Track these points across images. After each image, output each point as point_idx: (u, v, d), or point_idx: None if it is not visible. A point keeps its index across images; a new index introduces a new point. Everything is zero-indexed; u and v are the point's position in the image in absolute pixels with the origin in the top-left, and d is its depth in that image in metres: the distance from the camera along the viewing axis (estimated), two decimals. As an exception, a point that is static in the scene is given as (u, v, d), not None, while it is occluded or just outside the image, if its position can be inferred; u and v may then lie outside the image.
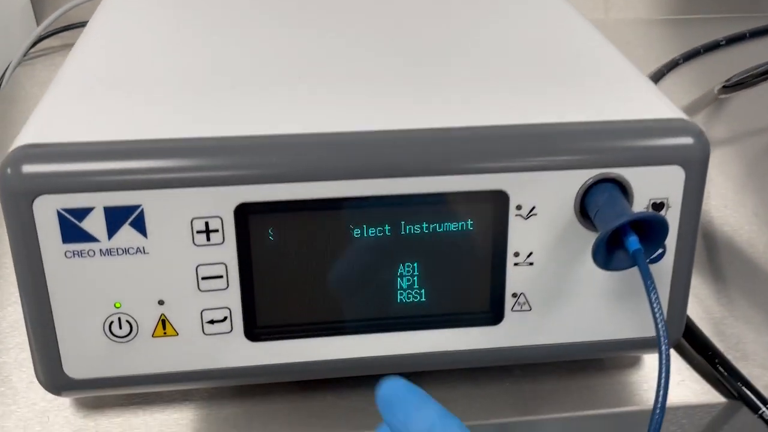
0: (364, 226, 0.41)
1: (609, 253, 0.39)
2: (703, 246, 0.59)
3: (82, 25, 0.62)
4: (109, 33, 0.53)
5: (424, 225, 0.41)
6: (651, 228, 0.38)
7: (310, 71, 0.48)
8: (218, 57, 0.49)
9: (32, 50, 0.88)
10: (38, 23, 0.91)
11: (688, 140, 0.41)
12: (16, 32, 0.92)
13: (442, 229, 0.41)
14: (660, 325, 0.36)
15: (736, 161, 0.70)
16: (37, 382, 0.46)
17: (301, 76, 0.47)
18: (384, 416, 0.33)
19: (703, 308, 0.52)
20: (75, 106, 0.42)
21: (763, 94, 0.79)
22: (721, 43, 0.92)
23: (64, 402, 0.45)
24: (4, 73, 0.85)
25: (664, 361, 0.35)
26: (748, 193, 0.65)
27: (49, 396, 0.46)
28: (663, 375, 0.36)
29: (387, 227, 0.41)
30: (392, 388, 0.32)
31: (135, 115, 0.41)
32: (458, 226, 0.41)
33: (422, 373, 0.46)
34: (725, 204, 0.64)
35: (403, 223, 0.41)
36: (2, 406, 0.45)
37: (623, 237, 0.39)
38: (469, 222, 0.41)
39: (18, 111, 0.79)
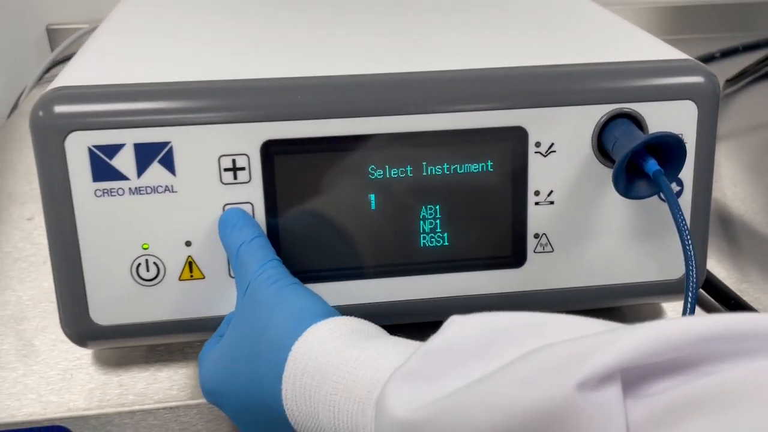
0: (387, 166, 0.41)
1: (629, 183, 0.40)
2: (715, 216, 0.59)
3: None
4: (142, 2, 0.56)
5: (446, 165, 0.42)
6: (669, 153, 0.39)
7: (333, 24, 0.50)
8: (243, 20, 0.52)
9: (47, 74, 0.92)
10: (52, 50, 0.95)
11: (699, 78, 0.42)
12: (32, 58, 0.97)
13: (463, 170, 0.42)
14: (685, 235, 0.36)
15: (744, 153, 0.71)
16: (59, 345, 0.46)
17: (325, 29, 0.50)
18: (219, 232, 0.40)
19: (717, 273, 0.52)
20: (107, 55, 0.44)
21: (766, 92, 0.82)
22: (715, 56, 0.95)
23: (87, 361, 0.45)
24: (21, 94, 0.89)
25: (692, 268, 0.35)
26: (760, 175, 0.67)
27: (72, 356, 0.45)
28: (691, 287, 0.36)
29: (409, 168, 0.42)
30: (230, 212, 0.40)
31: (165, 63, 0.43)
32: (479, 167, 0.42)
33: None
34: (734, 183, 0.65)
35: (425, 164, 0.42)
36: (25, 367, 0.45)
37: (642, 164, 0.39)
38: (489, 162, 0.42)
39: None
